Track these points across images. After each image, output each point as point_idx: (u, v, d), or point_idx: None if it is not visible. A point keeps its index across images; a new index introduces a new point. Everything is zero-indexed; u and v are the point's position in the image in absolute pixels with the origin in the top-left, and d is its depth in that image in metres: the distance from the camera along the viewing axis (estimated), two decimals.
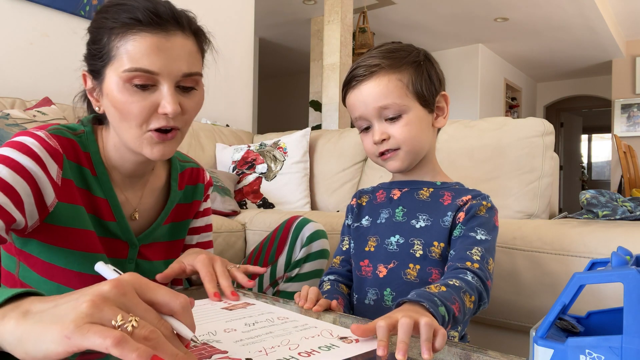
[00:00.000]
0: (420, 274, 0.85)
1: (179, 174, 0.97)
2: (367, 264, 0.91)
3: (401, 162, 0.88)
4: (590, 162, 10.51)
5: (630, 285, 0.38)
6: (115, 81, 0.73)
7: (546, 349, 0.42)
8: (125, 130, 0.76)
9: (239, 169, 2.15)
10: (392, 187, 0.95)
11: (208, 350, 0.51)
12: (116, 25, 0.73)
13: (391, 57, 0.86)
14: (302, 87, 6.22)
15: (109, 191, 0.84)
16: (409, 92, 0.85)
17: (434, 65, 0.91)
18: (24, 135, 0.75)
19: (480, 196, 0.87)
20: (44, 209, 0.75)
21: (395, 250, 0.88)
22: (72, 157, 0.79)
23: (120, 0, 0.75)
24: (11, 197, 0.69)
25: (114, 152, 0.83)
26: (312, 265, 1.15)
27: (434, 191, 0.90)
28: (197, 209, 1.02)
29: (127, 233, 0.87)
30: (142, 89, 0.73)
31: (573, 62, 6.81)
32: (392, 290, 0.87)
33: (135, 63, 0.72)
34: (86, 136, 0.83)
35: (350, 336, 0.56)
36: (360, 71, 0.86)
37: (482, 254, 0.79)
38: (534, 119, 1.54)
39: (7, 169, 0.70)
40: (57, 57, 2.01)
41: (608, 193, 1.38)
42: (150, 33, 0.72)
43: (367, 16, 4.56)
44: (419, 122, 0.86)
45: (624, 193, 4.03)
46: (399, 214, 0.90)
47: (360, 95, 0.86)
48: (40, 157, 0.73)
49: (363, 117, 0.88)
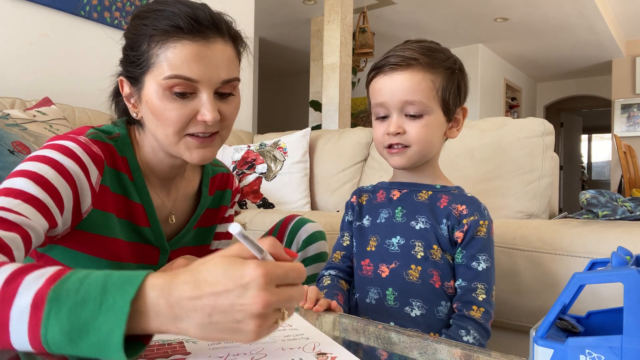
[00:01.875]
0: (422, 275, 0.86)
1: (210, 179, 0.96)
2: (368, 263, 0.91)
3: (407, 160, 0.88)
4: (590, 162, 10.50)
5: (630, 285, 0.38)
6: (154, 89, 0.73)
7: (546, 349, 0.42)
8: (163, 136, 0.75)
9: (239, 169, 2.15)
10: (392, 187, 0.95)
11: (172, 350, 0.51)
12: (156, 32, 0.72)
13: (430, 55, 0.86)
14: (302, 87, 6.22)
15: (146, 196, 0.83)
16: (437, 96, 0.85)
17: (465, 78, 0.91)
18: (65, 140, 0.72)
19: (477, 212, 0.87)
20: (78, 215, 0.73)
21: (397, 251, 0.88)
22: (110, 163, 0.78)
23: (159, 6, 0.74)
24: (55, 200, 0.67)
25: (152, 155, 0.82)
26: (309, 270, 1.11)
27: (432, 194, 0.90)
28: (223, 214, 1.01)
29: (160, 239, 0.86)
30: (182, 97, 0.73)
31: (573, 62, 6.81)
32: (394, 290, 0.87)
33: (176, 70, 0.71)
34: (122, 140, 0.81)
35: (330, 353, 0.53)
36: (396, 60, 0.85)
37: (486, 290, 0.83)
38: (534, 119, 1.54)
39: (53, 170, 0.67)
40: (57, 57, 2.01)
41: (608, 193, 1.38)
42: (190, 40, 0.71)
43: (367, 16, 4.56)
44: (435, 127, 0.87)
45: (624, 193, 4.03)
46: (399, 215, 0.90)
47: (391, 84, 0.85)
48: (84, 161, 0.72)
49: (384, 105, 0.87)
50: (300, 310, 0.75)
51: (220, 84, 0.74)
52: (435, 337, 0.69)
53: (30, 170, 0.66)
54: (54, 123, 1.58)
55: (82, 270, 0.48)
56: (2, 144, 1.32)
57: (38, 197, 0.64)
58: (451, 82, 0.87)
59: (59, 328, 0.43)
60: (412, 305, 0.86)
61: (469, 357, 0.54)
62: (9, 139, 1.34)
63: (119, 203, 0.80)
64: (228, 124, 0.79)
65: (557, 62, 6.90)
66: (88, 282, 0.46)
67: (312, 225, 1.13)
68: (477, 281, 0.84)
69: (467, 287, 0.84)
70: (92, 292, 0.45)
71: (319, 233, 1.13)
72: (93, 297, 0.44)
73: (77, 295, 0.44)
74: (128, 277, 0.46)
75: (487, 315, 0.82)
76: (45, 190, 0.65)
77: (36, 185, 0.65)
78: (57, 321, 0.44)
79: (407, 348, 0.58)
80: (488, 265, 0.85)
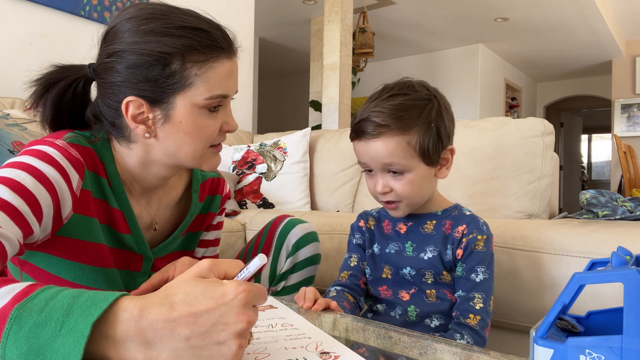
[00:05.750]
0: (438, 295, 0.91)
1: (200, 185, 0.94)
2: (385, 289, 0.95)
3: (402, 212, 0.92)
4: (590, 162, 10.50)
5: (630, 285, 0.38)
6: (189, 109, 0.72)
7: (546, 349, 0.42)
8: (189, 152, 0.75)
9: (239, 169, 2.15)
10: (396, 219, 0.98)
11: None
12: (196, 52, 0.70)
13: (401, 118, 0.84)
14: (302, 87, 6.22)
15: (125, 202, 0.80)
16: (415, 153, 0.86)
17: (445, 120, 0.88)
18: (42, 145, 0.69)
19: (476, 229, 0.90)
20: (59, 220, 0.70)
21: (411, 280, 0.93)
22: (90, 167, 0.76)
23: (189, 23, 0.71)
24: (32, 207, 0.63)
25: (139, 168, 0.79)
26: (300, 275, 1.09)
27: (437, 223, 0.93)
28: (210, 221, 0.99)
29: (142, 245, 0.84)
30: (214, 111, 0.75)
31: (573, 62, 6.81)
32: (415, 308, 0.92)
33: (217, 90, 0.72)
34: (101, 144, 0.78)
35: (334, 352, 0.53)
36: (369, 129, 0.85)
37: (484, 299, 0.86)
38: (534, 119, 1.54)
39: (30, 177, 0.64)
40: (57, 57, 2.00)
41: (608, 193, 1.38)
42: (226, 59, 0.73)
43: (367, 16, 4.56)
44: (420, 179, 0.88)
45: (624, 193, 4.02)
46: (409, 249, 0.94)
47: (367, 149, 0.87)
48: (63, 167, 0.68)
49: (367, 165, 0.90)
50: (299, 309, 0.75)
51: (234, 93, 0.78)
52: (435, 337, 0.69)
53: (7, 177, 0.62)
54: None
55: (54, 288, 0.45)
56: (2, 144, 1.32)
57: (13, 205, 0.60)
58: (428, 134, 0.85)
59: (15, 349, 0.41)
60: (432, 317, 0.91)
61: (469, 357, 0.54)
62: (9, 139, 1.34)
63: (99, 208, 0.78)
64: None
65: (557, 62, 6.90)
66: (54, 302, 0.43)
67: (302, 227, 1.09)
68: (475, 291, 0.87)
69: (465, 296, 0.87)
70: (55, 312, 0.43)
71: (310, 235, 1.10)
72: (55, 318, 0.42)
73: (39, 315, 0.42)
74: (97, 299, 0.44)
75: (483, 323, 0.85)
76: (22, 197, 0.62)
77: (12, 192, 0.61)
78: (15, 341, 0.41)
79: (407, 348, 0.58)
80: (486, 277, 0.87)
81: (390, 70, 6.73)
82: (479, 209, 1.48)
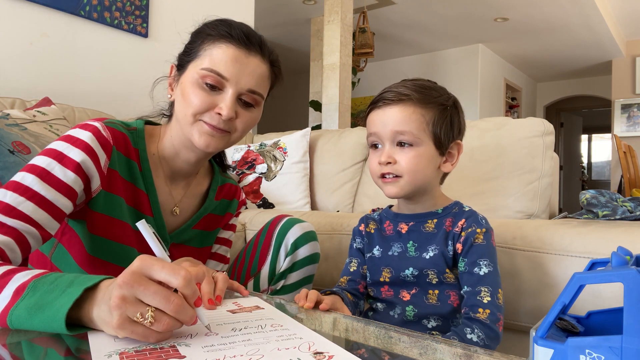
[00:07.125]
0: (440, 297, 0.90)
1: (218, 186, 1.03)
2: (387, 289, 0.95)
3: (399, 189, 0.90)
4: (590, 162, 10.50)
5: (630, 285, 0.38)
6: (191, 75, 0.83)
7: (546, 349, 0.42)
8: (182, 115, 0.84)
9: (239, 169, 2.15)
10: (398, 219, 0.98)
11: (167, 354, 0.50)
12: (212, 33, 0.84)
13: (422, 92, 0.90)
14: (302, 87, 6.22)
15: (151, 186, 0.90)
16: (427, 130, 0.89)
17: (459, 114, 0.94)
18: (79, 128, 0.81)
19: (475, 222, 0.90)
20: (89, 194, 0.81)
21: (413, 280, 0.92)
22: (122, 149, 0.86)
23: (225, 19, 0.88)
24: (63, 192, 0.75)
25: (169, 147, 0.90)
26: (299, 275, 1.10)
27: (437, 221, 0.93)
28: (228, 220, 1.07)
29: (162, 229, 0.92)
30: (210, 89, 0.82)
31: (573, 62, 6.81)
32: (414, 308, 0.91)
33: (213, 65, 0.82)
34: (137, 133, 0.90)
35: (327, 352, 0.52)
36: (390, 95, 0.90)
37: (491, 292, 0.85)
38: (534, 119, 1.54)
39: (59, 165, 0.76)
40: (57, 57, 2.01)
41: (608, 193, 1.38)
42: (235, 46, 0.83)
43: (367, 16, 4.56)
44: (426, 158, 0.89)
45: (624, 193, 4.03)
46: (412, 249, 0.93)
47: (383, 116, 0.90)
48: (92, 147, 0.79)
49: (377, 135, 0.91)
50: (300, 310, 0.75)
51: (246, 91, 0.84)
52: (435, 337, 0.69)
53: (39, 165, 0.74)
54: (54, 123, 1.58)
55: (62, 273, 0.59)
56: (2, 144, 1.32)
57: (42, 194, 0.72)
58: (443, 117, 0.90)
59: (24, 306, 0.55)
60: (429, 318, 0.91)
61: (469, 357, 0.54)
62: (9, 139, 1.34)
63: (127, 190, 0.87)
64: (240, 130, 0.87)
65: (557, 62, 6.90)
66: (62, 278, 0.58)
67: (300, 226, 1.11)
68: (481, 285, 0.86)
69: (472, 291, 0.86)
70: (62, 283, 0.57)
71: (309, 234, 1.11)
72: (60, 287, 0.56)
73: (50, 285, 0.57)
74: (91, 278, 0.57)
75: (493, 316, 0.83)
76: (52, 185, 0.74)
77: (42, 182, 0.73)
78: (27, 301, 0.55)
79: (407, 348, 0.58)
80: (490, 269, 0.87)
81: (390, 70, 6.73)
82: (479, 209, 1.47)
